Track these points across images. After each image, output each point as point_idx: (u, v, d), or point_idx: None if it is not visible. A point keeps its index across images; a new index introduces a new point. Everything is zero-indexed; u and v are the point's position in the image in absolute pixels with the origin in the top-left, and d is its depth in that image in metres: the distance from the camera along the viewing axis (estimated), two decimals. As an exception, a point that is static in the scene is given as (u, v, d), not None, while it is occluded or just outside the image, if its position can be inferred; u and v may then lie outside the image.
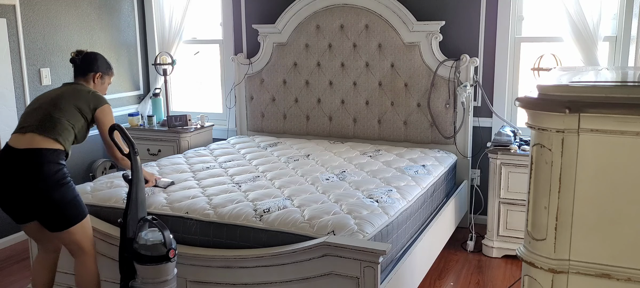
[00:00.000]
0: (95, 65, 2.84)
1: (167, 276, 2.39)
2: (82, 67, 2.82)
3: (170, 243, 2.38)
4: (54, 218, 2.57)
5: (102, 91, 2.88)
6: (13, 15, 4.04)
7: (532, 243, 1.77)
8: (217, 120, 5.20)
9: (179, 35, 5.03)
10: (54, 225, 2.58)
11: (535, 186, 1.74)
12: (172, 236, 2.42)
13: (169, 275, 2.40)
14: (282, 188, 3.13)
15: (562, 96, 1.64)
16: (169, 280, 2.40)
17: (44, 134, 2.56)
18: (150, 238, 2.38)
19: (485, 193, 4.09)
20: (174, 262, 2.40)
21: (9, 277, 3.63)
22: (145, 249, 2.37)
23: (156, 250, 2.35)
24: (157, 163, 3.80)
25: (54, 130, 2.58)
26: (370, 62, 4.36)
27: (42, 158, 2.52)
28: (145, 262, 2.36)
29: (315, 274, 2.43)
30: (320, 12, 4.46)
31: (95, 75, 2.84)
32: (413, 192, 3.18)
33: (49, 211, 2.55)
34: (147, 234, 2.41)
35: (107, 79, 2.92)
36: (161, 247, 2.36)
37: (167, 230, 2.39)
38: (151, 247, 2.36)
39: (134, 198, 2.51)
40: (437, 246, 3.53)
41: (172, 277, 2.42)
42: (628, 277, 1.66)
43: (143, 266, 2.37)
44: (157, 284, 2.38)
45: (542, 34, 4.11)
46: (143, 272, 2.38)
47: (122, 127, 2.59)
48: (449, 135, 4.21)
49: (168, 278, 2.40)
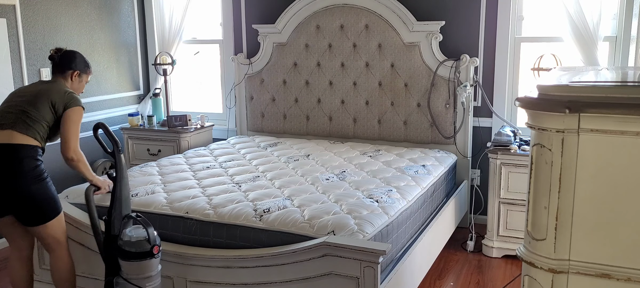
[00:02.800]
0: (73, 63, 2.86)
1: (151, 272, 2.44)
2: (60, 64, 2.85)
3: (155, 239, 2.42)
4: (32, 213, 2.63)
5: (79, 89, 2.91)
6: (13, 15, 4.04)
7: (532, 243, 1.77)
8: (217, 120, 5.20)
9: (179, 35, 5.03)
10: (31, 219, 2.65)
11: (535, 186, 1.74)
12: (156, 233, 2.46)
13: (153, 271, 2.45)
14: (282, 188, 3.13)
15: (562, 96, 1.64)
16: (152, 276, 2.45)
17: (22, 131, 2.61)
18: (134, 235, 2.43)
19: (485, 193, 4.09)
20: (158, 258, 2.45)
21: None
22: (130, 246, 2.41)
23: (140, 247, 2.40)
24: (157, 163, 3.80)
25: (31, 128, 2.63)
26: (370, 62, 4.36)
27: (21, 154, 2.57)
28: (129, 258, 2.41)
29: (315, 274, 2.43)
30: (320, 12, 4.46)
31: (73, 73, 2.86)
32: (413, 192, 3.18)
33: (26, 206, 2.60)
34: (132, 231, 2.46)
35: (85, 78, 2.95)
36: (145, 243, 2.40)
37: (151, 227, 2.44)
38: (135, 243, 2.41)
39: (119, 196, 2.54)
40: (437, 246, 3.53)
41: (156, 273, 2.46)
42: (628, 277, 1.66)
43: (127, 262, 2.42)
44: (141, 280, 2.42)
45: (542, 34, 4.11)
46: (127, 268, 2.43)
47: (106, 126, 2.60)
48: (449, 135, 4.21)
49: (152, 274, 2.44)
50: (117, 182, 2.55)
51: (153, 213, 2.87)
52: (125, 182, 2.56)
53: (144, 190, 3.12)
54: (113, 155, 2.60)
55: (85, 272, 2.96)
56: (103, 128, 2.61)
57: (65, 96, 2.74)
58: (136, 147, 4.88)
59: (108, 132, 2.59)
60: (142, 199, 2.99)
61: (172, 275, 2.71)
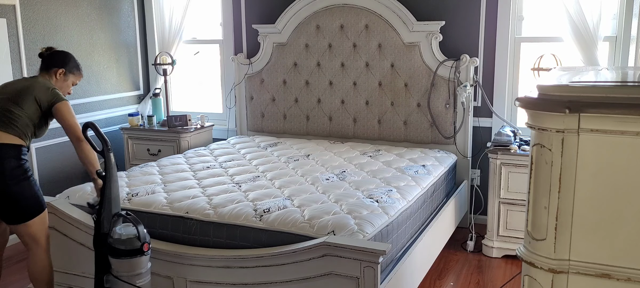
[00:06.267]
0: (59, 62, 2.87)
1: (141, 269, 2.46)
2: (47, 61, 2.86)
3: (145, 237, 2.44)
4: (13, 211, 2.65)
5: (64, 88, 2.91)
6: (13, 15, 4.04)
7: (532, 243, 1.77)
8: (217, 120, 5.20)
9: (179, 35, 5.03)
10: (12, 218, 2.67)
11: (535, 186, 1.74)
12: (146, 230, 2.48)
13: (143, 268, 2.47)
14: (282, 188, 3.13)
15: (562, 96, 1.64)
16: (142, 274, 2.47)
17: (5, 130, 2.62)
18: (124, 233, 2.44)
19: (485, 193, 4.09)
20: (148, 255, 2.47)
21: (9, 277, 3.63)
22: (120, 243, 2.42)
23: (130, 244, 2.42)
24: (157, 163, 3.80)
25: (15, 126, 2.64)
26: (370, 62, 4.36)
27: (3, 154, 2.58)
28: (120, 255, 2.42)
29: (315, 274, 2.43)
30: (320, 12, 4.46)
31: (57, 71, 2.86)
32: (413, 192, 3.18)
33: (8, 204, 2.62)
34: (122, 229, 2.47)
35: (72, 78, 2.94)
36: (135, 240, 2.42)
37: (141, 225, 2.46)
38: (126, 241, 2.42)
39: (108, 194, 2.54)
40: (437, 246, 3.53)
41: (146, 270, 2.49)
42: (628, 277, 1.66)
43: (118, 260, 2.43)
44: (131, 277, 2.44)
45: (542, 34, 4.11)
46: (118, 265, 2.45)
47: (96, 125, 2.60)
48: (449, 135, 4.21)
49: (142, 272, 2.47)
50: (106, 180, 2.54)
51: (153, 213, 2.87)
52: (114, 181, 2.56)
53: (144, 190, 3.12)
54: (103, 154, 2.60)
55: (85, 272, 2.96)
56: (93, 128, 2.60)
57: (50, 92, 2.74)
58: (136, 147, 4.88)
59: (98, 131, 2.58)
60: (142, 199, 2.99)
61: (172, 275, 2.71)
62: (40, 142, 4.29)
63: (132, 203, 2.96)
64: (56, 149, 4.46)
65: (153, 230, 2.84)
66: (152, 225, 2.84)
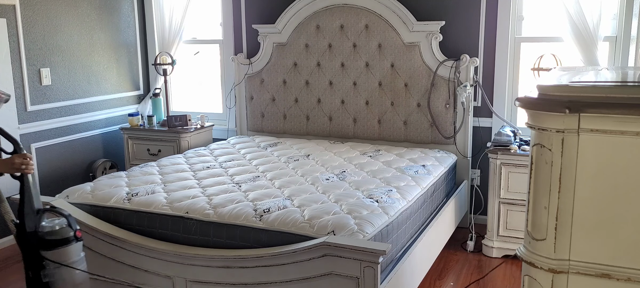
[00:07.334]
0: None
1: (77, 257, 2.48)
2: None
3: (74, 224, 2.48)
4: None
5: None
6: (13, 15, 4.04)
7: (532, 243, 1.77)
8: (217, 120, 5.20)
9: (179, 35, 5.03)
10: None
11: (535, 186, 1.74)
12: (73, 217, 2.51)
13: (78, 255, 2.49)
14: (282, 188, 3.13)
15: (562, 96, 1.64)
16: (77, 262, 2.48)
17: None
18: (55, 223, 2.47)
19: (485, 193, 4.09)
20: (81, 242, 2.50)
21: (9, 277, 3.63)
22: (52, 234, 2.44)
23: (64, 233, 2.44)
24: (157, 163, 3.79)
25: None
26: (370, 62, 4.36)
27: None
28: (54, 246, 2.43)
29: (315, 274, 2.43)
30: (320, 12, 4.46)
31: None
32: (413, 192, 3.18)
33: None
34: (50, 221, 2.49)
35: None
36: (67, 229, 2.45)
37: (69, 214, 2.50)
38: (59, 231, 2.44)
39: (28, 193, 2.51)
40: (437, 246, 3.53)
41: (80, 258, 2.50)
42: (628, 277, 1.67)
43: (52, 251, 2.43)
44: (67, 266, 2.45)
45: (542, 34, 4.11)
46: (53, 257, 2.44)
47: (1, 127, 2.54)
48: (449, 135, 4.21)
49: (76, 260, 2.48)
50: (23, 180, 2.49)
51: (153, 213, 2.87)
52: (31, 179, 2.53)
53: (144, 190, 3.12)
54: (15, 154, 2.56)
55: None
56: None
57: None
58: (136, 147, 4.88)
59: (4, 132, 2.53)
60: (142, 199, 2.99)
61: (172, 275, 2.71)
62: (40, 142, 4.29)
63: (132, 204, 2.96)
64: (56, 149, 4.46)
65: (153, 230, 2.84)
66: (152, 225, 2.85)
